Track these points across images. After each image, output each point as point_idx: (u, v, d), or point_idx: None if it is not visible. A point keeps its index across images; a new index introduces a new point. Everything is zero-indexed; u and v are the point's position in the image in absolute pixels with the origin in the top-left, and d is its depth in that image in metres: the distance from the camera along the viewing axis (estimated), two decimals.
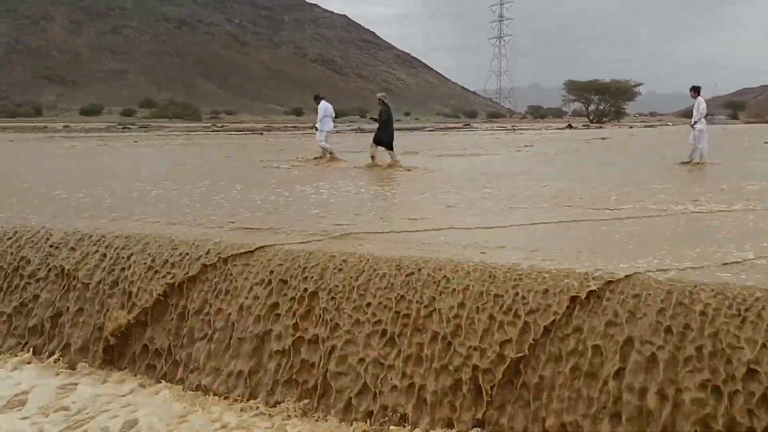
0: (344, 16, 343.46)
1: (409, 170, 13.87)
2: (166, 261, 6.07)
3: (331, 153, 15.97)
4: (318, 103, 16.20)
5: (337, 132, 25.01)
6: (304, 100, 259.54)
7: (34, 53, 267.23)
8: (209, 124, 68.53)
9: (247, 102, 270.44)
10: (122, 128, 51.66)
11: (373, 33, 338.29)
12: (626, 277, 4.52)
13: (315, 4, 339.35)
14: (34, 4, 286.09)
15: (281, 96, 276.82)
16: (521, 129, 58.02)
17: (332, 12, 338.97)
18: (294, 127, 63.21)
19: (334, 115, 16.66)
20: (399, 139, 16.95)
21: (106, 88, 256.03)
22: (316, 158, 16.03)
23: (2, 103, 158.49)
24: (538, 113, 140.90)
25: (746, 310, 4.00)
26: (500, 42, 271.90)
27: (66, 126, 55.86)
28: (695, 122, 15.67)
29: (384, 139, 14.10)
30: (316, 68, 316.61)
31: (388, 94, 15.26)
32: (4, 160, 17.45)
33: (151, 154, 20.48)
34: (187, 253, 6.05)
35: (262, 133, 43.65)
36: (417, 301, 4.94)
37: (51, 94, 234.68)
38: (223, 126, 61.35)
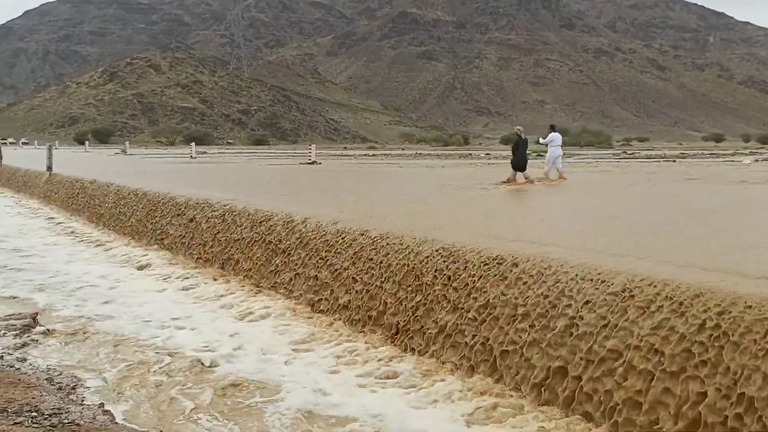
0: None
1: None
2: None
3: (546, 176, 18.97)
4: (549, 132, 19.65)
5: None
6: (726, 125, 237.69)
7: (468, 89, 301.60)
8: (620, 151, 69.27)
9: (662, 128, 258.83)
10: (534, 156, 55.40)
11: None
12: None
13: (747, 22, 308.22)
14: (470, 46, 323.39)
15: (699, 121, 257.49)
16: None
17: (767, 28, 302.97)
18: (712, 154, 58.68)
19: (560, 143, 19.62)
20: None
21: (526, 118, 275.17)
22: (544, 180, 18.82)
23: (439, 133, 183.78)
24: None
25: None
26: None
27: (487, 154, 62.63)
28: None
29: (516, 163, 17.34)
30: (743, 91, 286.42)
31: None
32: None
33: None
34: None
35: (674, 161, 41.76)
36: None
37: (478, 124, 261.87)
38: (632, 153, 61.26)
